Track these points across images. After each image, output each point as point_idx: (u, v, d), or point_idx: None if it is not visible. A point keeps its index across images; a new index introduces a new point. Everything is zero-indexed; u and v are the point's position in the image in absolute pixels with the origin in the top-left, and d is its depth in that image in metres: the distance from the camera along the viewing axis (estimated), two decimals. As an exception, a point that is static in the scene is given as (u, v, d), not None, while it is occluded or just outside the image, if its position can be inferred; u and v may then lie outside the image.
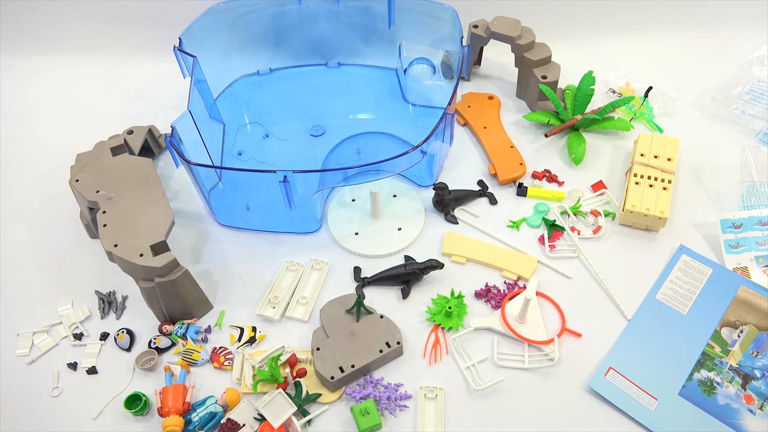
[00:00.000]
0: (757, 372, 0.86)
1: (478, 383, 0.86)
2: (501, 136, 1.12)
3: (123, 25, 1.27)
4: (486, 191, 1.06)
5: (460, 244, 0.99)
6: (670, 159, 1.03)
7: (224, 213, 1.02)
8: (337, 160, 1.08)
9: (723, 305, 0.91)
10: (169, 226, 0.88)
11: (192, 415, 0.82)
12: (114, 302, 0.95)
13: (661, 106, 1.18)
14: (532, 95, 1.16)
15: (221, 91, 1.21)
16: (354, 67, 1.25)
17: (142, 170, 0.95)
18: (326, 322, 0.89)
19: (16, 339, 0.92)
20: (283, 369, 0.87)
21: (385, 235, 1.01)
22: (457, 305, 0.92)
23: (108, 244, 0.86)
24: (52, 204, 1.07)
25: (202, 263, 0.99)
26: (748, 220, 0.97)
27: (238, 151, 1.12)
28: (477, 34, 1.17)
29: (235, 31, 1.16)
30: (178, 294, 0.87)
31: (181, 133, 0.94)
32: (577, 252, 0.99)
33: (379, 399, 0.83)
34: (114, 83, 1.26)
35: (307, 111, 1.18)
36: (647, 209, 0.98)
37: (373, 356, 0.85)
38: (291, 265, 0.97)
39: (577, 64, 1.19)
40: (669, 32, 1.30)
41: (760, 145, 1.11)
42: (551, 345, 0.88)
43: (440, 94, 1.17)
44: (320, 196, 0.98)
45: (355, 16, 1.18)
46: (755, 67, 1.21)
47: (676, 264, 0.96)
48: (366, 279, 0.95)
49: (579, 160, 1.09)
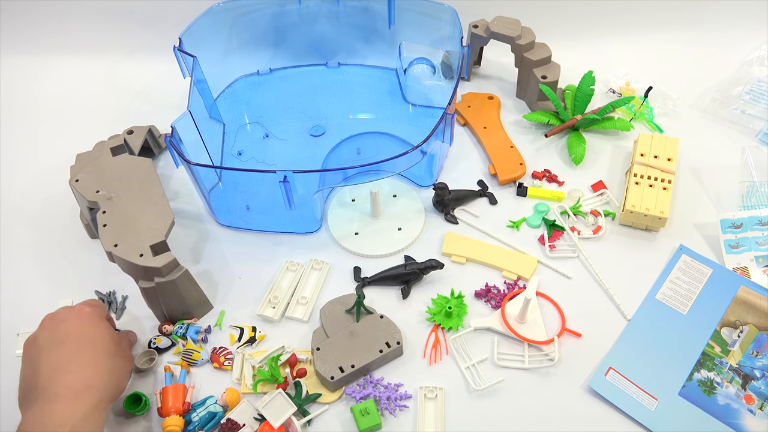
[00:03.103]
0: (757, 372, 0.86)
1: (478, 383, 0.86)
2: (501, 136, 1.12)
3: (123, 25, 1.27)
4: (486, 191, 1.06)
5: (460, 244, 0.99)
6: (670, 159, 1.03)
7: (224, 213, 1.02)
8: (337, 160, 1.08)
9: (723, 305, 0.91)
10: (169, 226, 0.88)
11: (192, 415, 0.82)
12: (114, 302, 0.95)
13: (661, 106, 1.18)
14: (532, 95, 1.16)
15: (221, 91, 1.21)
16: (354, 67, 1.25)
17: (142, 170, 0.95)
18: (326, 322, 0.89)
19: (16, 339, 0.92)
20: (283, 369, 0.87)
21: (385, 235, 1.01)
22: (457, 305, 0.92)
23: (108, 244, 0.86)
24: (52, 204, 1.07)
25: (202, 263, 0.99)
26: (748, 220, 0.97)
27: (238, 151, 1.12)
28: (477, 34, 1.17)
29: (235, 31, 1.16)
30: (178, 294, 0.87)
31: (181, 133, 0.94)
32: (577, 252, 0.99)
33: (379, 399, 0.83)
34: (114, 83, 1.26)
35: (307, 111, 1.18)
36: (647, 209, 0.98)
37: (373, 356, 0.85)
38: (291, 265, 0.97)
39: (577, 64, 1.19)
40: (669, 32, 1.30)
41: (760, 145, 1.11)
42: (551, 345, 0.88)
43: (440, 94, 1.17)
44: (320, 196, 0.98)
45: (355, 16, 1.18)
46: (755, 67, 1.21)
47: (676, 264, 0.96)
48: (366, 279, 0.95)
49: (579, 160, 1.09)
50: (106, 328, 0.80)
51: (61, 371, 0.72)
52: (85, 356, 0.74)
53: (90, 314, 0.79)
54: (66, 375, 0.72)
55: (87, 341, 0.76)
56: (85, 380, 0.72)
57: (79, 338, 0.76)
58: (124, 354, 0.82)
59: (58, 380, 0.71)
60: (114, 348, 0.79)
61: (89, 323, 0.78)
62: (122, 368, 0.80)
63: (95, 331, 0.78)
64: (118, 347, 0.80)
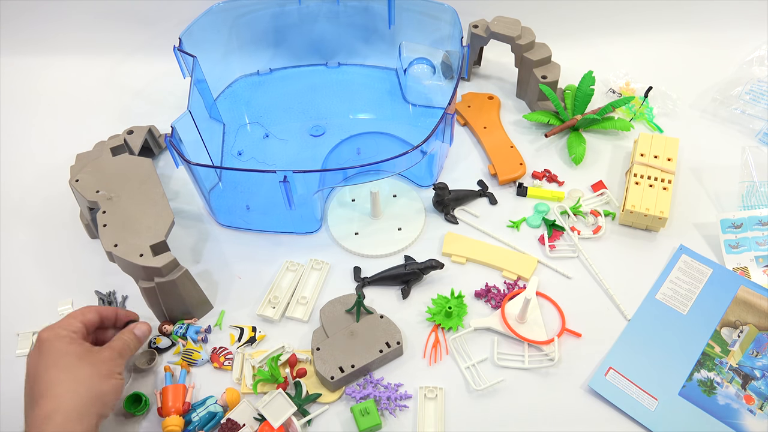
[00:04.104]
0: (757, 372, 0.86)
1: (478, 383, 0.86)
2: (501, 136, 1.12)
3: (123, 25, 1.27)
4: (486, 191, 1.06)
5: (460, 244, 0.99)
6: (670, 159, 1.03)
7: (224, 213, 1.02)
8: (337, 160, 1.08)
9: (723, 305, 0.91)
10: (169, 226, 0.88)
11: (192, 415, 0.82)
12: (114, 302, 0.95)
13: (661, 106, 1.18)
14: (532, 95, 1.16)
15: (221, 91, 1.21)
16: (354, 67, 1.25)
17: (142, 170, 0.95)
18: (326, 322, 0.89)
19: (16, 339, 0.92)
20: (283, 369, 0.87)
21: (385, 235, 1.01)
22: (457, 305, 0.92)
23: (108, 244, 0.86)
24: (52, 204, 1.07)
25: (202, 263, 0.99)
26: (748, 220, 0.97)
27: (238, 151, 1.12)
28: (477, 34, 1.17)
29: (235, 31, 1.16)
30: (178, 294, 0.87)
31: (181, 133, 0.94)
32: (577, 252, 0.99)
33: (379, 399, 0.83)
34: (114, 83, 1.26)
35: (307, 111, 1.18)
36: (647, 209, 0.98)
37: (373, 356, 0.85)
38: (291, 265, 0.97)
39: (577, 64, 1.19)
40: (669, 32, 1.30)
41: (760, 145, 1.11)
42: (551, 345, 0.88)
43: (440, 94, 1.17)
44: (320, 196, 0.98)
45: (355, 16, 1.18)
46: (755, 67, 1.21)
47: (676, 264, 0.96)
48: (366, 279, 0.95)
49: (579, 160, 1.09)
50: (63, 348, 0.77)
51: (28, 405, 0.75)
52: (41, 386, 0.74)
53: (44, 340, 0.77)
54: (32, 408, 0.74)
55: (43, 369, 0.76)
56: (44, 409, 0.72)
57: (37, 369, 0.76)
58: (94, 361, 0.77)
59: (29, 414, 0.74)
60: (74, 362, 0.76)
61: (46, 350, 0.77)
62: (92, 376, 0.76)
63: (51, 355, 0.76)
64: (82, 359, 0.77)
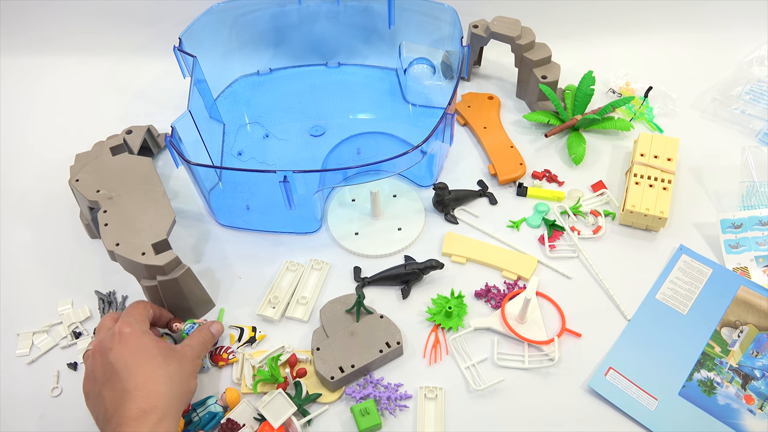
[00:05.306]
0: (757, 372, 0.86)
1: (478, 383, 0.86)
2: (501, 136, 1.12)
3: (123, 25, 1.27)
4: (486, 191, 1.06)
5: (460, 244, 0.99)
6: (670, 159, 1.03)
7: (224, 213, 1.02)
8: (337, 160, 1.08)
9: (723, 305, 0.91)
10: (171, 224, 0.88)
11: (192, 415, 0.82)
12: (114, 302, 0.95)
13: (661, 106, 1.18)
14: (532, 95, 1.16)
15: (221, 91, 1.21)
16: (354, 67, 1.25)
17: (143, 169, 0.95)
18: (326, 322, 0.89)
19: (16, 339, 0.92)
20: (283, 369, 0.87)
21: (385, 235, 1.01)
22: (457, 305, 0.92)
23: (110, 244, 0.86)
24: (52, 204, 1.07)
25: (202, 263, 0.99)
26: (748, 220, 0.97)
27: (238, 151, 1.12)
28: (477, 34, 1.17)
29: (235, 31, 1.16)
30: (180, 292, 0.87)
31: (181, 133, 0.94)
32: (577, 252, 0.99)
33: (379, 399, 0.83)
34: (114, 83, 1.26)
35: (307, 111, 1.18)
36: (647, 209, 0.98)
37: (373, 356, 0.85)
38: (291, 265, 0.97)
39: (577, 64, 1.19)
40: (669, 32, 1.30)
41: (760, 145, 1.11)
42: (551, 345, 0.88)
43: (440, 94, 1.17)
44: (320, 196, 0.98)
45: (355, 16, 1.18)
46: (755, 67, 1.21)
47: (676, 264, 0.96)
48: (366, 279, 0.95)
49: (579, 160, 1.09)
50: (150, 343, 0.78)
51: (118, 401, 0.73)
52: (137, 380, 0.74)
53: (130, 335, 0.77)
54: (123, 404, 0.72)
55: (135, 364, 0.75)
56: (140, 404, 0.71)
57: (127, 364, 0.75)
58: (180, 359, 0.79)
59: (119, 411, 0.72)
60: (163, 359, 0.77)
61: (133, 344, 0.77)
62: (180, 374, 0.77)
63: (140, 350, 0.76)
64: (170, 357, 0.78)
